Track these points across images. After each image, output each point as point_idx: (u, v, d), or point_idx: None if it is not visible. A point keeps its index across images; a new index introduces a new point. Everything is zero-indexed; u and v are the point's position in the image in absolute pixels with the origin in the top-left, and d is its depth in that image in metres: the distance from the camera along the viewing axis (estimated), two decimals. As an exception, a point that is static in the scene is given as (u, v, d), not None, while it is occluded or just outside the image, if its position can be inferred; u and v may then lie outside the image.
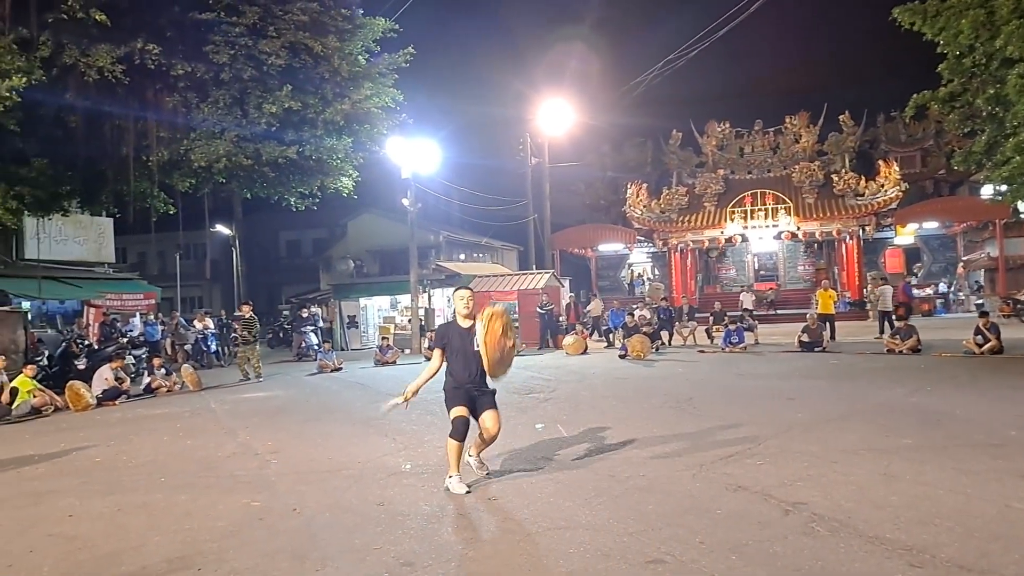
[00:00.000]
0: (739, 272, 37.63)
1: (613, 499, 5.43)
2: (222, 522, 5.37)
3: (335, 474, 6.74)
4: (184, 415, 11.43)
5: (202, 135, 14.05)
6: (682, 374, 13.91)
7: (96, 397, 12.90)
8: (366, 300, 30.17)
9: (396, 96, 16.26)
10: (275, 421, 10.35)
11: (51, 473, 7.52)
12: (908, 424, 7.82)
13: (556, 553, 4.36)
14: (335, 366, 18.04)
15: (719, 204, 33.97)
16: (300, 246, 48.66)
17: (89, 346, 17.07)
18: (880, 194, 30.94)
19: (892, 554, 4.08)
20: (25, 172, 13.54)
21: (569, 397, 11.27)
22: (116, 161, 14.90)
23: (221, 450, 8.29)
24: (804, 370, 13.44)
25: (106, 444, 9.03)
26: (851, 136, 34.90)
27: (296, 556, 4.56)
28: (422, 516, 5.27)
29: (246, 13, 13.37)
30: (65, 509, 5.97)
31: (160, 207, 16.90)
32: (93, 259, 25.17)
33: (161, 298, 27.14)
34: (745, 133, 37.04)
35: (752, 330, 19.76)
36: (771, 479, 5.73)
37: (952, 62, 14.38)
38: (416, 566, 4.27)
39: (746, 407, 9.47)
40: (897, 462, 6.12)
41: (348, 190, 17.10)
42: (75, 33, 12.11)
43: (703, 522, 4.79)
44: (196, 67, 13.14)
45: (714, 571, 3.96)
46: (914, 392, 10.14)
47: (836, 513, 4.81)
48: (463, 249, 37.85)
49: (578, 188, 42.34)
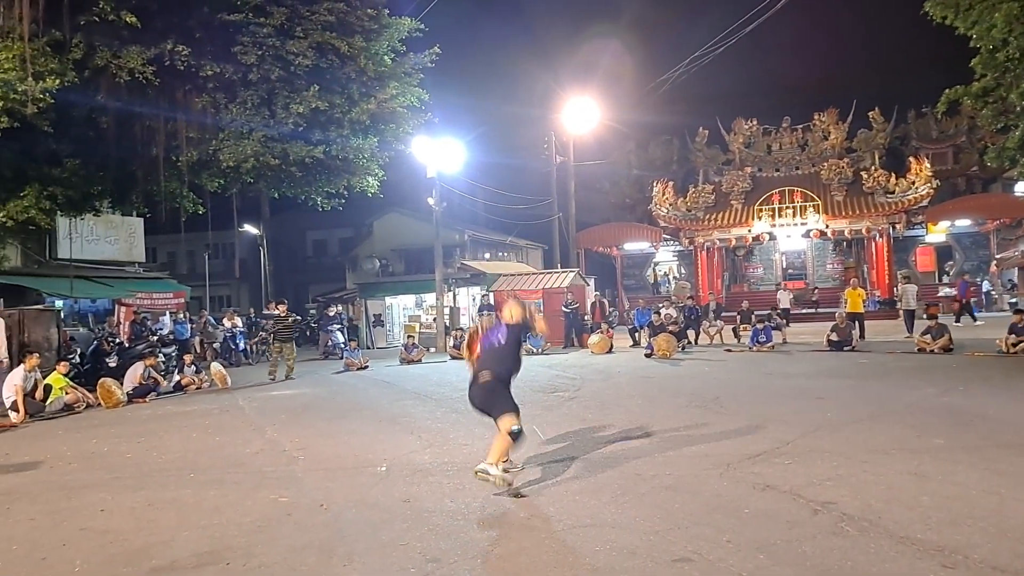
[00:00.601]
0: (767, 271, 37.30)
1: (639, 497, 5.41)
2: (250, 517, 5.43)
3: (361, 471, 6.78)
4: (213, 412, 11.56)
5: (230, 135, 14.17)
6: (709, 373, 13.81)
7: (127, 394, 13.08)
8: (391, 299, 30.31)
9: (422, 95, 16.30)
10: (302, 418, 10.43)
11: (83, 468, 7.64)
12: (939, 424, 7.70)
13: (582, 550, 4.35)
14: (361, 364, 18.14)
15: (746, 202, 33.69)
16: (327, 245, 48.99)
17: (120, 344, 17.32)
18: (911, 191, 30.51)
19: (923, 554, 4.02)
20: (58, 172, 13.76)
21: (594, 395, 11.24)
22: (146, 161, 15.09)
23: (249, 447, 8.37)
24: (833, 369, 13.28)
25: (136, 440, 9.16)
26: (881, 132, 34.42)
27: (323, 551, 4.60)
28: (448, 513, 5.28)
29: (274, 14, 13.47)
30: (97, 504, 6.06)
31: (189, 207, 17.08)
32: (124, 259, 25.52)
33: (190, 297, 27.48)
34: (773, 130, 36.69)
35: (780, 329, 19.58)
36: (800, 479, 5.68)
37: (985, 56, 14.13)
38: (442, 562, 4.28)
39: (774, 406, 9.38)
40: (928, 462, 6.03)
41: (374, 189, 17.16)
42: (106, 35, 12.27)
43: (730, 521, 4.75)
44: (225, 68, 13.26)
45: (742, 570, 3.92)
46: (946, 392, 9.99)
47: (866, 513, 4.75)
48: (488, 248, 37.88)
49: (603, 186, 42.22)
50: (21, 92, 11.14)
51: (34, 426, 11.02)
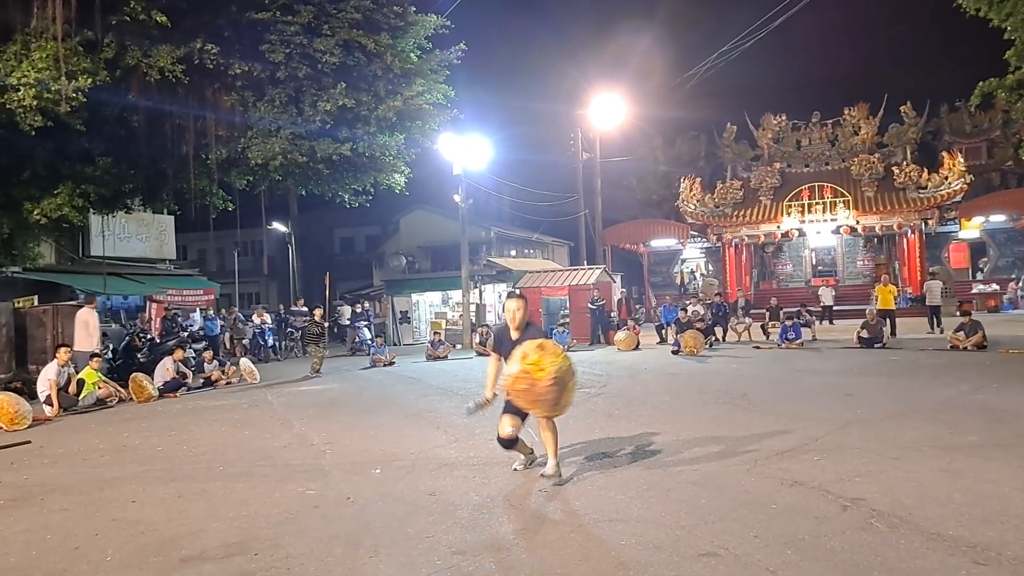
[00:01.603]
0: (796, 268, 36.95)
1: (665, 493, 5.38)
2: (278, 509, 5.47)
3: (388, 464, 6.81)
4: (242, 407, 11.68)
5: (259, 133, 14.30)
6: (736, 370, 13.70)
7: (158, 389, 13.27)
8: (418, 296, 30.45)
9: (447, 92, 16.32)
10: (329, 413, 10.51)
11: (115, 461, 7.75)
12: (972, 421, 7.57)
13: (607, 544, 4.34)
14: (388, 360, 18.25)
15: (775, 198, 33.41)
16: (353, 243, 49.30)
17: (151, 340, 17.57)
18: (944, 186, 30.07)
19: (955, 551, 3.95)
20: (90, 171, 13.97)
21: (621, 392, 11.19)
22: (177, 159, 15.27)
23: (277, 440, 8.45)
24: (863, 366, 13.11)
25: (167, 434, 9.29)
26: (913, 127, 33.95)
27: (350, 543, 4.62)
28: (473, 506, 5.29)
29: (301, 12, 13.56)
30: (129, 495, 6.15)
31: (219, 204, 17.27)
32: (155, 256, 25.92)
33: (220, 294, 27.82)
34: (802, 125, 36.35)
35: (809, 326, 19.37)
36: (828, 475, 5.61)
37: (1020, 48, 13.88)
38: (467, 555, 4.29)
39: (803, 403, 9.29)
40: (961, 459, 5.93)
41: (400, 186, 17.23)
42: (137, 35, 12.42)
43: (758, 516, 4.70)
44: (253, 66, 13.37)
45: (769, 565, 3.88)
46: (979, 389, 9.82)
47: (896, 509, 4.68)
48: (514, 245, 37.91)
49: (630, 183, 42.02)
50: (55, 91, 11.31)
51: (68, 420, 11.22)
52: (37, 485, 6.72)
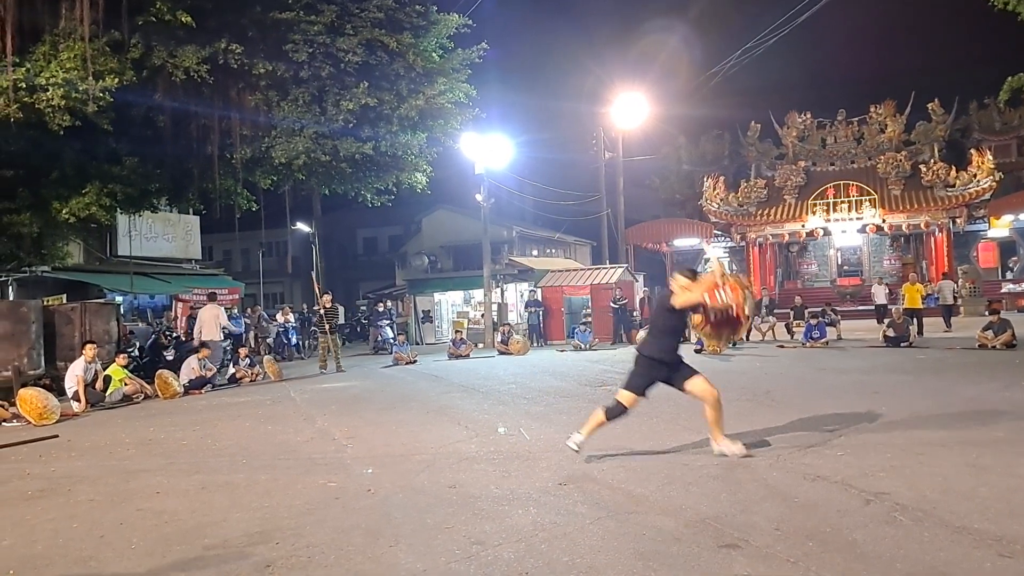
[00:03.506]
0: (821, 267, 36.59)
1: (686, 486, 5.35)
2: (300, 501, 5.52)
3: (408, 458, 6.84)
4: (265, 403, 11.78)
5: (282, 132, 14.43)
6: (760, 368, 13.59)
7: (183, 386, 13.42)
8: (440, 295, 30.53)
9: (469, 91, 16.35)
10: (351, 409, 10.57)
11: (141, 454, 7.85)
12: (1000, 418, 7.45)
13: (627, 536, 4.32)
14: (410, 359, 18.31)
15: (800, 197, 33.14)
16: (376, 243, 49.59)
17: (177, 338, 17.78)
18: (972, 184, 29.66)
19: (980, 544, 3.89)
20: (117, 170, 14.15)
21: (642, 389, 11.12)
22: (202, 159, 15.45)
23: (300, 435, 8.51)
24: (889, 365, 12.95)
25: (192, 428, 9.39)
26: (941, 125, 33.49)
27: (370, 533, 4.65)
28: (493, 499, 5.30)
29: (324, 12, 13.66)
30: (153, 487, 6.23)
31: (244, 204, 17.44)
32: (181, 255, 26.25)
33: (244, 293, 28.09)
34: (827, 123, 35.99)
35: (834, 325, 19.18)
36: (852, 470, 5.55)
37: (1050, 42, 13.63)
38: (486, 544, 4.30)
39: (827, 400, 9.19)
40: (987, 455, 5.84)
41: (422, 185, 17.29)
42: (163, 35, 12.57)
43: (779, 510, 4.67)
44: (276, 66, 13.49)
45: (789, 556, 3.85)
46: (1008, 387, 9.66)
47: (920, 503, 4.62)
48: (536, 244, 37.87)
49: (653, 182, 41.85)
50: (82, 91, 11.49)
51: (95, 415, 11.38)
52: (64, 477, 6.83)
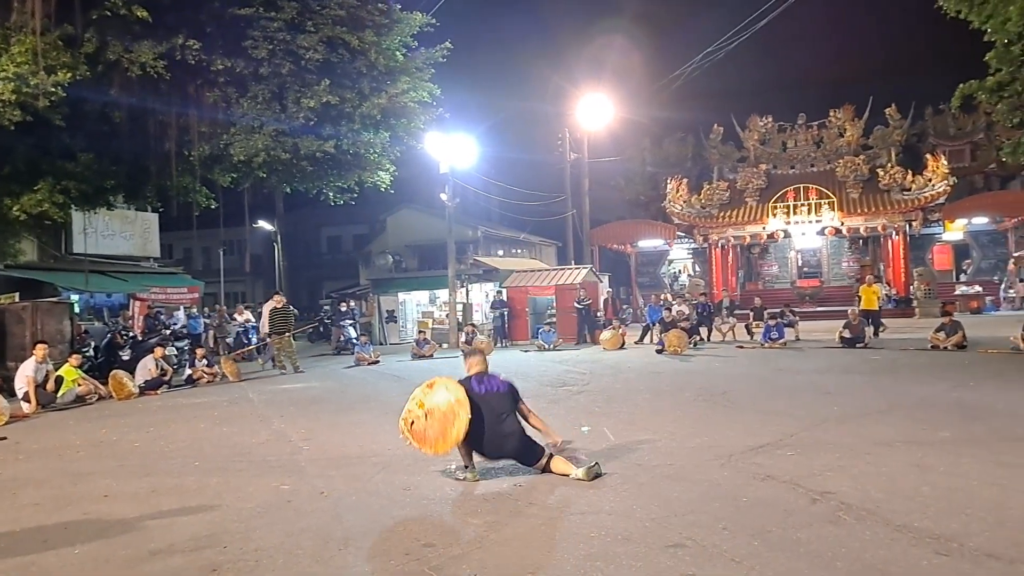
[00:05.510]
0: (782, 269, 37.06)
1: (638, 486, 5.40)
2: (251, 504, 5.46)
3: (364, 460, 6.81)
4: (222, 404, 11.62)
5: (242, 130, 14.23)
6: (719, 368, 13.75)
7: (139, 386, 13.19)
8: (404, 295, 30.35)
9: (433, 91, 16.28)
10: (310, 411, 10.47)
11: (91, 456, 7.71)
12: (947, 418, 7.63)
13: (576, 537, 4.34)
14: (372, 359, 18.19)
15: (761, 199, 33.53)
16: (341, 242, 49.20)
17: (134, 338, 17.45)
18: (927, 188, 30.27)
19: (918, 542, 3.98)
20: (71, 167, 13.84)
21: (603, 390, 11.21)
22: (159, 156, 15.17)
23: (255, 437, 8.42)
24: (844, 366, 13.18)
25: (145, 430, 9.24)
26: (898, 129, 34.15)
27: (320, 536, 4.62)
28: (447, 500, 5.29)
29: (284, 8, 13.49)
30: (102, 489, 6.12)
31: (202, 201, 17.16)
32: (139, 254, 25.75)
33: (204, 293, 27.67)
34: (788, 127, 36.49)
35: (792, 326, 19.46)
36: (801, 469, 5.64)
37: (1000, 51, 13.92)
38: (437, 546, 4.29)
39: (781, 401, 9.33)
40: (932, 455, 5.98)
41: (385, 184, 17.18)
42: (118, 30, 12.32)
43: (728, 509, 4.73)
44: (235, 62, 13.29)
45: (735, 555, 3.90)
46: (956, 387, 9.89)
47: (865, 502, 4.71)
48: (501, 244, 37.86)
49: (618, 183, 42.03)
50: (33, 86, 11.23)
51: (46, 416, 11.15)
52: (10, 480, 6.68)
